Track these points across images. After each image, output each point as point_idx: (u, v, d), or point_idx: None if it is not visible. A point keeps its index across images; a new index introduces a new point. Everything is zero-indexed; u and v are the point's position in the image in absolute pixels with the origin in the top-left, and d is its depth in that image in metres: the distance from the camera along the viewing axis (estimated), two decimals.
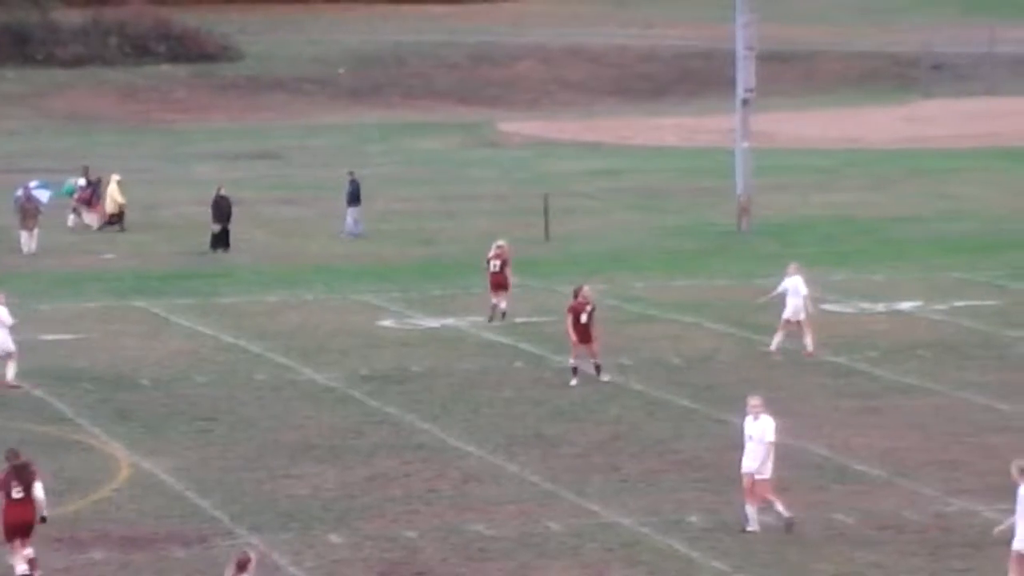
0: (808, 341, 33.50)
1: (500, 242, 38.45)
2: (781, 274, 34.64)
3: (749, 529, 22.84)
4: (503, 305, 37.49)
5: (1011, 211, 54.01)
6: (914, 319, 37.63)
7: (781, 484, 25.18)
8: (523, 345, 35.09)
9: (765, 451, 22.82)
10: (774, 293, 34.11)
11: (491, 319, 37.36)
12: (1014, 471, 20.20)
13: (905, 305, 38.95)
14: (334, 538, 23.08)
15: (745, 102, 53.27)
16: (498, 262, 37.55)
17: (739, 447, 27.38)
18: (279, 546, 22.74)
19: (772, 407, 29.78)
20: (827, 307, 39.09)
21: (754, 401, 23.18)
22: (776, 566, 21.91)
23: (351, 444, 27.98)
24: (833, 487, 25.10)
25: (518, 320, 37.47)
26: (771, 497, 22.85)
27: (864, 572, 21.54)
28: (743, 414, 29.36)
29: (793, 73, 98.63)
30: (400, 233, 52.36)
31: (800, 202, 58.00)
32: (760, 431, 22.93)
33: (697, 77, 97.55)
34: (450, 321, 38.17)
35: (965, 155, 71.76)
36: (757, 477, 22.84)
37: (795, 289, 33.68)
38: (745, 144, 53.49)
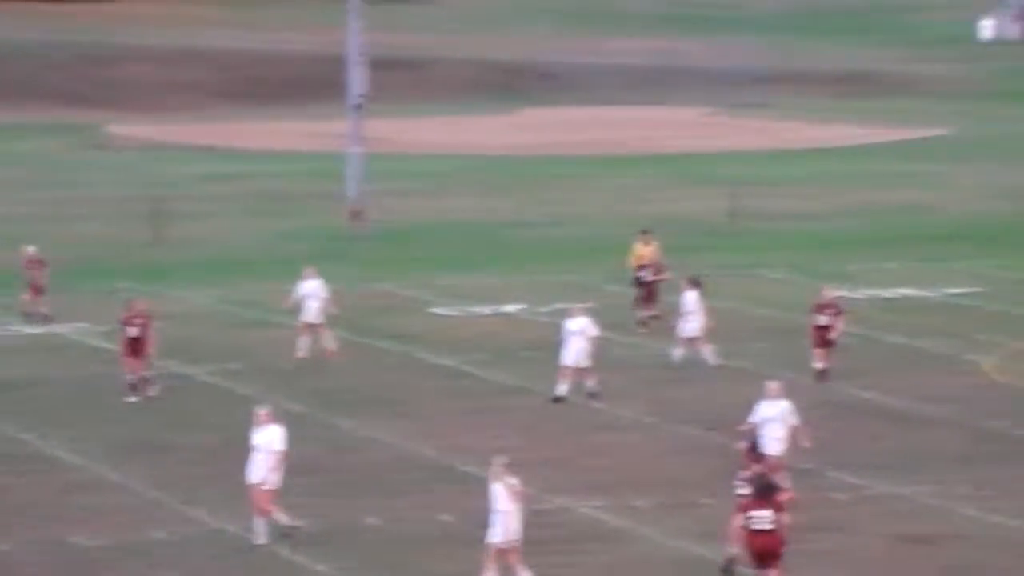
0: (326, 342, 33.76)
1: (30, 248, 38.64)
2: (395, 277, 34.96)
3: (258, 543, 22.63)
4: (43, 310, 37.86)
5: (614, 217, 55.69)
6: (519, 321, 38.50)
7: (394, 486, 25.46)
8: None
9: (274, 460, 22.79)
10: (293, 298, 34.11)
11: (29, 318, 37.71)
12: (497, 469, 20.81)
13: (511, 308, 39.82)
14: None
15: (358, 107, 53.66)
16: (34, 271, 38.26)
17: (350, 450, 27.62)
18: None
19: (385, 410, 30.23)
20: (436, 310, 39.67)
21: (261, 411, 23.19)
22: (381, 567, 22.12)
23: None
24: (440, 488, 25.45)
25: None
26: (270, 508, 22.73)
27: (470, 571, 21.91)
28: (354, 417, 29.62)
29: (408, 80, 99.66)
30: (0, 238, 50.75)
31: (414, 207, 58.65)
32: (267, 440, 22.92)
33: (315, 81, 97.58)
34: (55, 328, 37.23)
35: (571, 162, 73.76)
36: (262, 488, 22.75)
37: (314, 292, 33.93)
38: (357, 149, 53.88)
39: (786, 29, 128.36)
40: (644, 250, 39.00)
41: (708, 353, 33.06)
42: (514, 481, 20.88)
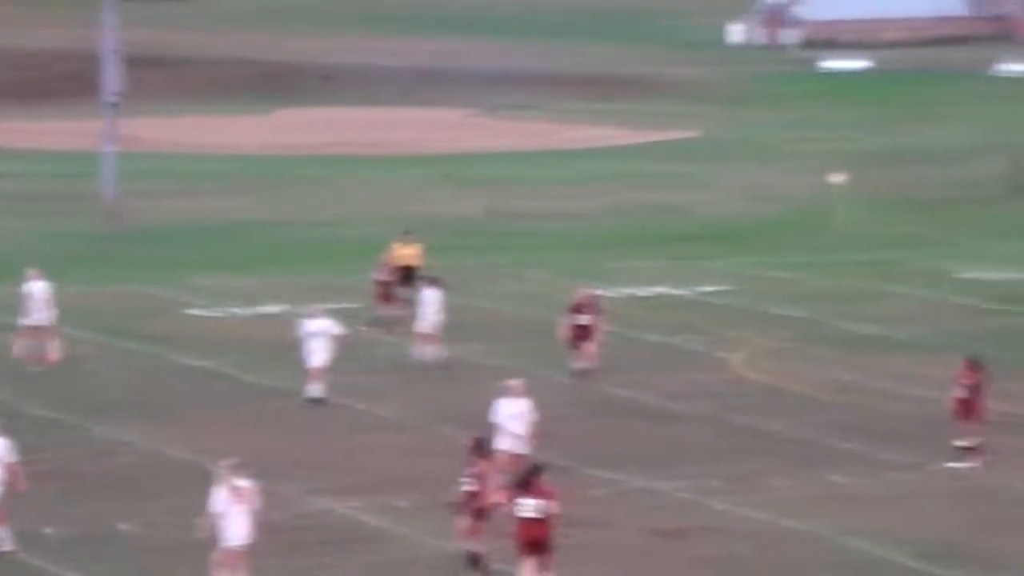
0: (51, 347, 33.11)
1: None
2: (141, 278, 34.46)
3: (3, 550, 22.28)
4: None
5: (376, 217, 55.68)
6: (281, 323, 38.24)
7: (147, 491, 25.10)
8: None
9: (9, 473, 22.38)
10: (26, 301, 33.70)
11: None
12: (223, 471, 20.78)
13: (272, 308, 39.56)
14: None
15: (113, 106, 52.89)
16: None
17: (102, 455, 27.15)
18: None
19: (139, 413, 29.77)
20: (193, 312, 39.21)
21: None
22: (134, 574, 21.80)
23: None
24: (195, 492, 25.09)
25: None
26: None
27: None
28: (106, 421, 29.12)
29: (168, 79, 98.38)
30: None
31: (171, 207, 57.90)
32: None
33: (73, 80, 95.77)
34: None
35: (332, 162, 73.54)
36: None
37: (38, 294, 33.49)
38: (113, 148, 53.07)
39: (542, 32, 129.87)
40: (404, 251, 39.07)
41: (432, 351, 33.27)
42: (243, 483, 20.73)
